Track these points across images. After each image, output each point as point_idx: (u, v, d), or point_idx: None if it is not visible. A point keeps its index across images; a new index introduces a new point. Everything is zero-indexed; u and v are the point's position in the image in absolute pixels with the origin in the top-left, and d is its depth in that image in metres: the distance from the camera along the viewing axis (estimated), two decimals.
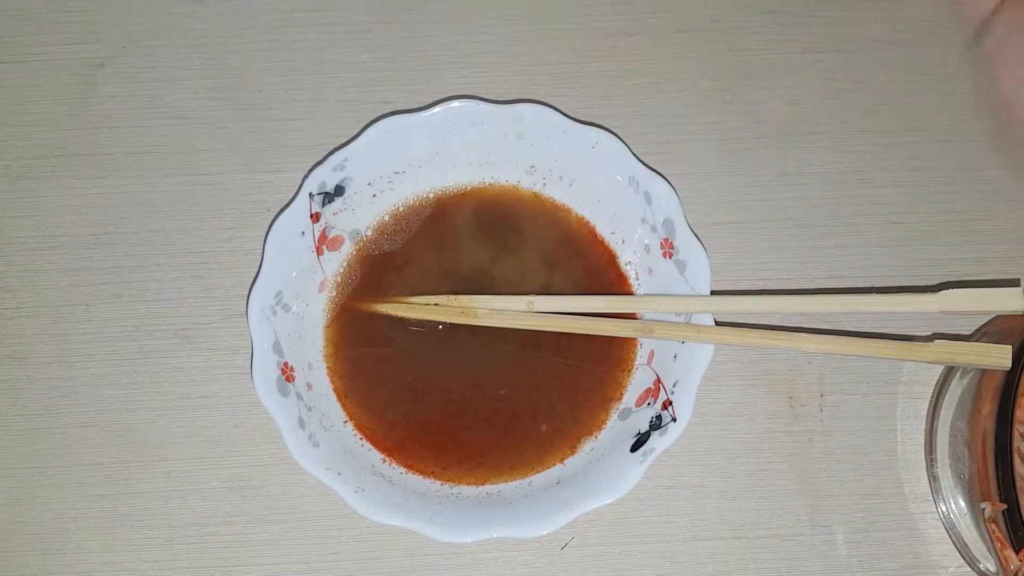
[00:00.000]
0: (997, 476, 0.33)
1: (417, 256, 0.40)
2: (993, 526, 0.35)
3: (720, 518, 0.40)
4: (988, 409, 0.35)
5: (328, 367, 0.39)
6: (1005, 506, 0.33)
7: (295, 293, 0.38)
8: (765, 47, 0.44)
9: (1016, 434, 0.34)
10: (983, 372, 0.36)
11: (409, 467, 0.38)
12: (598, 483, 0.36)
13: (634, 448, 0.37)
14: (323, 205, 0.38)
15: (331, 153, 0.38)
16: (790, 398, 0.41)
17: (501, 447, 0.39)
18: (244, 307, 0.37)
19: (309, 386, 0.38)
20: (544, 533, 0.35)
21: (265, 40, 0.44)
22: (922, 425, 0.40)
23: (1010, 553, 0.33)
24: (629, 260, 0.40)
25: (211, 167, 0.43)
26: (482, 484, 0.38)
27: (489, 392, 0.39)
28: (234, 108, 0.43)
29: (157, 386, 0.40)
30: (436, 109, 0.39)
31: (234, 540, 0.39)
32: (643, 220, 0.39)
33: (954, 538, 0.39)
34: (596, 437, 0.39)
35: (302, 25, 0.44)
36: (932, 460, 0.39)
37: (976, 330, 0.40)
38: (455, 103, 0.39)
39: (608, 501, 0.35)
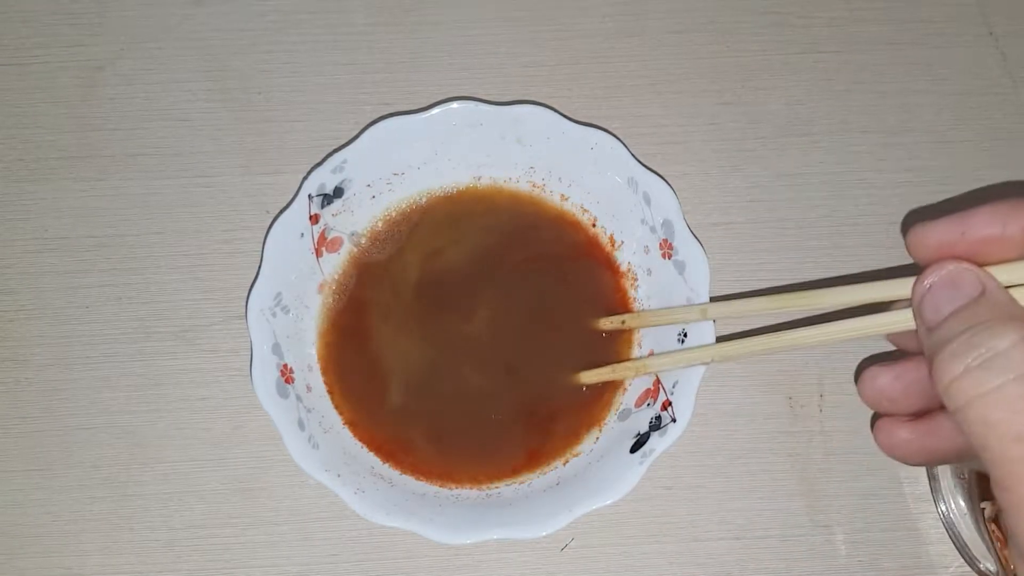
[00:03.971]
0: None
1: (416, 257, 0.40)
2: (993, 526, 0.35)
3: (720, 519, 0.40)
4: None
5: (327, 369, 0.39)
6: None
7: (294, 295, 0.38)
8: (763, 48, 0.44)
9: None
10: None
11: (408, 469, 0.38)
12: (598, 484, 0.36)
13: (634, 449, 0.37)
14: (322, 206, 0.38)
15: (330, 155, 0.39)
16: (789, 398, 0.41)
17: (501, 449, 0.39)
18: (243, 309, 0.37)
19: (308, 388, 0.38)
20: (544, 534, 0.35)
21: (264, 42, 0.44)
22: None
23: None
24: (628, 261, 0.40)
25: (210, 169, 0.43)
26: (482, 486, 0.38)
27: (488, 394, 0.39)
28: (233, 110, 0.43)
29: (157, 388, 0.40)
30: (435, 110, 0.39)
31: (234, 542, 0.39)
32: (642, 221, 0.39)
33: (954, 538, 0.39)
34: (596, 438, 0.39)
35: (301, 27, 0.44)
36: None
37: None
38: (454, 104, 0.39)
39: (608, 502, 0.35)
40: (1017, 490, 0.20)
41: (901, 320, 0.27)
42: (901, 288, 0.27)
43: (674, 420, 0.36)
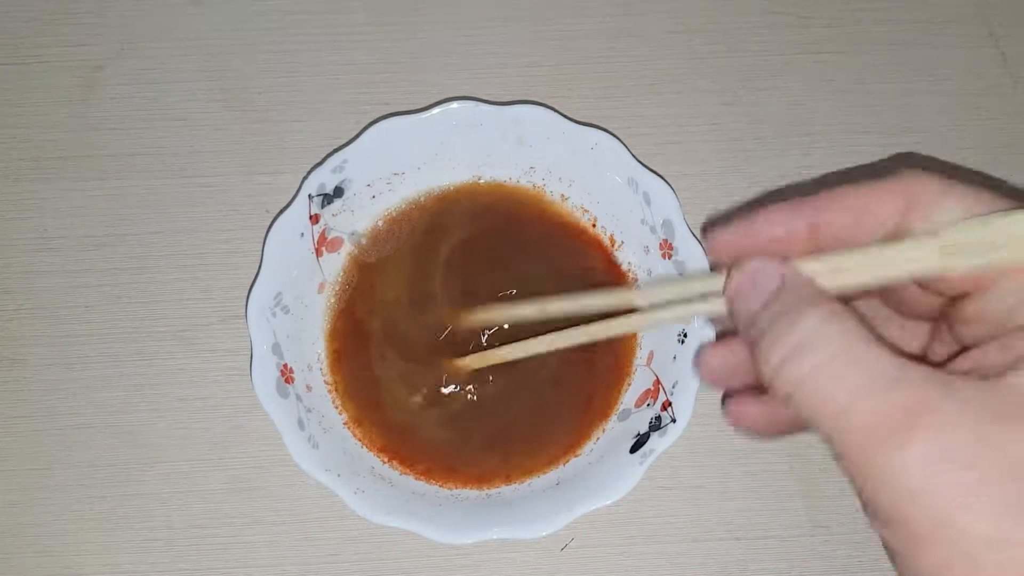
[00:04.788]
0: None
1: (416, 257, 0.40)
2: None
3: (720, 519, 0.40)
4: None
5: (327, 368, 0.39)
6: None
7: (294, 294, 0.38)
8: (763, 48, 0.44)
9: None
10: None
11: (408, 469, 0.38)
12: (598, 484, 0.36)
13: (634, 449, 0.37)
14: (322, 206, 0.38)
15: (330, 154, 0.38)
16: None
17: (501, 449, 0.39)
18: (243, 309, 0.37)
19: (308, 387, 0.38)
20: (544, 534, 0.35)
21: (264, 42, 0.44)
22: None
23: None
24: (629, 261, 0.40)
25: (210, 169, 0.43)
26: (482, 486, 0.38)
27: (488, 394, 0.39)
28: (233, 110, 0.43)
29: (156, 388, 0.40)
30: (435, 111, 0.39)
31: (233, 541, 0.39)
32: (642, 221, 0.39)
33: None
34: (596, 438, 0.39)
35: (301, 27, 0.44)
36: None
37: None
38: (454, 104, 0.39)
39: (608, 502, 0.35)
40: (852, 457, 0.21)
41: (719, 308, 0.27)
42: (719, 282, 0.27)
43: (674, 420, 0.36)
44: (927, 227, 0.24)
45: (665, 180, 0.38)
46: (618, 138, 0.39)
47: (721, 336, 0.30)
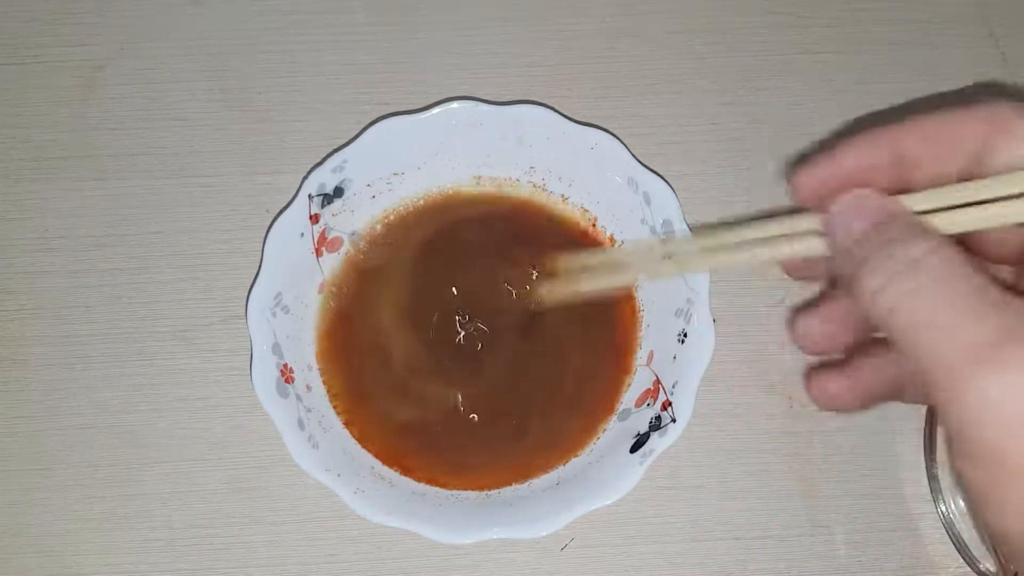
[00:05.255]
0: None
1: (416, 256, 0.40)
2: None
3: (719, 519, 0.40)
4: None
5: (327, 368, 0.39)
6: None
7: (294, 294, 0.38)
8: (763, 48, 0.44)
9: None
10: None
11: (407, 470, 0.38)
12: (598, 484, 0.36)
13: (634, 449, 0.37)
14: (322, 206, 0.38)
15: (330, 154, 0.38)
16: (789, 398, 0.41)
17: (501, 450, 0.39)
18: (243, 309, 0.37)
19: (308, 388, 0.38)
20: (544, 534, 0.35)
21: (264, 42, 0.44)
22: (921, 425, 0.40)
23: None
24: None
25: (210, 169, 0.43)
26: (482, 486, 0.38)
27: (488, 395, 0.39)
28: (233, 110, 0.43)
29: (157, 388, 0.40)
30: (435, 110, 0.39)
31: (234, 541, 0.39)
32: (642, 221, 0.39)
33: (954, 538, 0.39)
34: (596, 438, 0.39)
35: (301, 27, 0.44)
36: (931, 460, 0.39)
37: None
38: (454, 104, 0.39)
39: (608, 502, 0.35)
40: (944, 382, 0.21)
41: (813, 247, 0.27)
42: (810, 221, 0.27)
43: (674, 420, 0.36)
44: (1011, 157, 0.23)
45: (665, 180, 0.38)
46: (618, 138, 0.39)
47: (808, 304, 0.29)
